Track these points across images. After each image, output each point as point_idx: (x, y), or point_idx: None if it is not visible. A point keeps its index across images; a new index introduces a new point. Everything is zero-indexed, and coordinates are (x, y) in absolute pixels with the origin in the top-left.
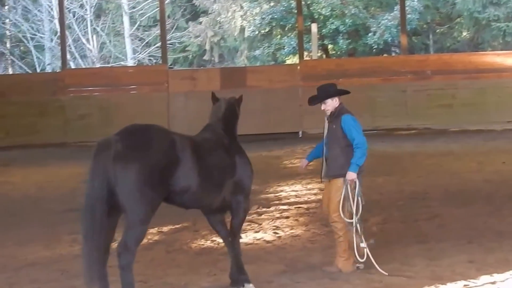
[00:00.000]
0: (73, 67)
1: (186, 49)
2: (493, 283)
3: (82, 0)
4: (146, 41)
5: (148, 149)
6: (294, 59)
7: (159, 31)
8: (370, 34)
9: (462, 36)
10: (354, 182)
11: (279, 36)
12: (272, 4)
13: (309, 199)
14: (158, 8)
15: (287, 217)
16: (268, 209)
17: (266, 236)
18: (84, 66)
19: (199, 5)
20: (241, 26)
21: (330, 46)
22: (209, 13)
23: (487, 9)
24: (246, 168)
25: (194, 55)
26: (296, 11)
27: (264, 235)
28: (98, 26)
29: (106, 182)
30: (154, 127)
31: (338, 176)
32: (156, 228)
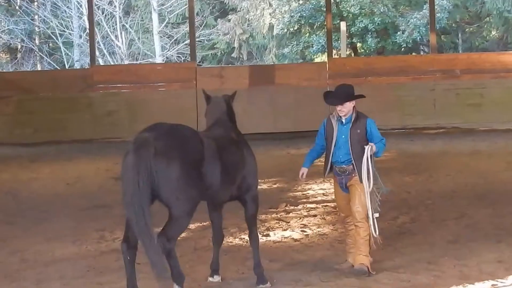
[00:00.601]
0: (102, 63)
1: (215, 46)
2: None
3: None
4: (175, 38)
5: (185, 146)
6: (322, 57)
7: (187, 28)
8: (399, 32)
9: (491, 35)
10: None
11: (307, 34)
12: (301, 2)
13: None
14: (187, 5)
15: (314, 216)
16: (296, 207)
17: (294, 234)
18: (112, 63)
19: (228, 3)
20: (269, 23)
21: (358, 45)
22: (238, 11)
23: None
24: (252, 162)
25: (223, 52)
26: (325, 9)
27: (292, 233)
28: (127, 23)
29: (149, 176)
30: (183, 125)
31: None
32: None
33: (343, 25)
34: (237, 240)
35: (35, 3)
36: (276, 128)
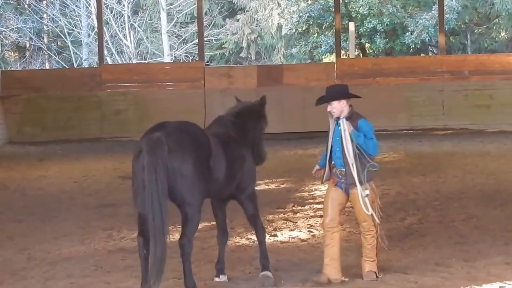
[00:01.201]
0: (110, 62)
1: (223, 46)
2: None
3: None
4: (183, 37)
5: (195, 143)
6: (331, 58)
7: (196, 28)
8: (407, 33)
9: (500, 36)
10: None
11: (316, 34)
12: (309, 2)
13: None
14: (196, 5)
15: (321, 216)
16: (303, 208)
17: (301, 235)
18: (121, 62)
19: (236, 2)
20: (278, 23)
21: (367, 45)
22: (247, 11)
23: None
24: (250, 162)
25: (231, 52)
26: (333, 9)
27: (299, 233)
28: (135, 22)
29: (165, 175)
30: (189, 122)
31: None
32: None
33: (351, 26)
34: (244, 240)
35: (44, 2)
36: (284, 128)
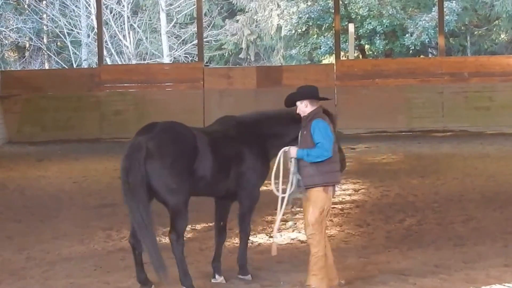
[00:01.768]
0: (109, 63)
1: (222, 47)
2: None
3: None
4: (183, 38)
5: (176, 143)
6: (330, 59)
7: (195, 29)
8: (407, 35)
9: (500, 38)
10: (290, 159)
11: (315, 35)
12: (309, 3)
13: (343, 200)
14: (195, 6)
15: None
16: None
17: (301, 236)
18: (120, 63)
19: (236, 3)
20: (277, 25)
21: (366, 47)
22: (246, 11)
23: None
24: (254, 161)
25: (230, 53)
26: (333, 10)
27: (298, 235)
28: (135, 23)
29: (143, 177)
30: (175, 123)
31: (310, 186)
32: (189, 226)
33: (351, 27)
34: None
35: (44, 2)
36: None
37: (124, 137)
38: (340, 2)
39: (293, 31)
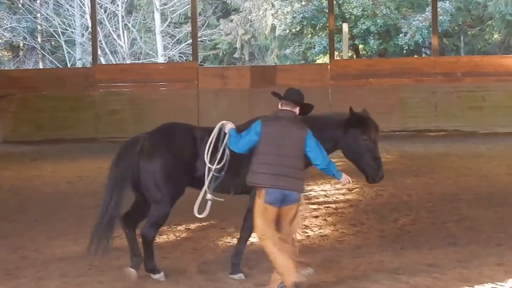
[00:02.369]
0: (104, 62)
1: (217, 46)
2: None
3: None
4: (177, 38)
5: (174, 145)
6: (324, 59)
7: (190, 28)
8: (401, 35)
9: (494, 38)
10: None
11: (310, 35)
12: (303, 3)
13: (338, 199)
14: (190, 5)
15: (316, 217)
16: None
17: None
18: (114, 62)
19: (230, 3)
20: (272, 24)
21: (360, 46)
22: (240, 11)
23: None
24: None
25: (225, 53)
26: (327, 10)
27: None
28: (129, 22)
29: (131, 170)
30: (178, 124)
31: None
32: (183, 226)
33: (345, 27)
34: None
35: (38, 1)
36: None
37: (120, 137)
38: (334, 2)
39: (287, 31)
